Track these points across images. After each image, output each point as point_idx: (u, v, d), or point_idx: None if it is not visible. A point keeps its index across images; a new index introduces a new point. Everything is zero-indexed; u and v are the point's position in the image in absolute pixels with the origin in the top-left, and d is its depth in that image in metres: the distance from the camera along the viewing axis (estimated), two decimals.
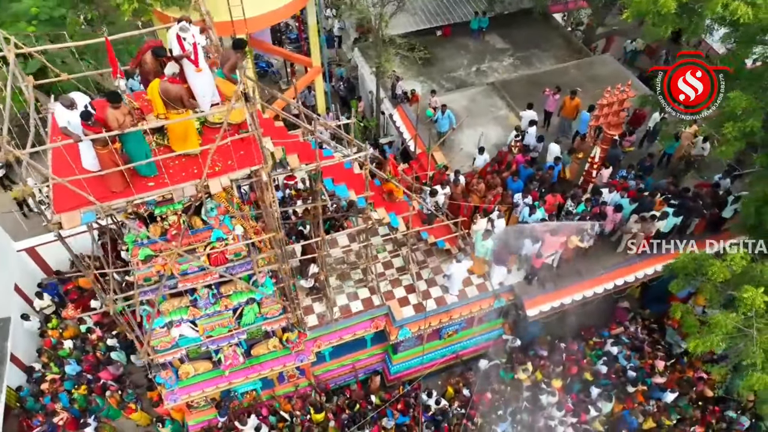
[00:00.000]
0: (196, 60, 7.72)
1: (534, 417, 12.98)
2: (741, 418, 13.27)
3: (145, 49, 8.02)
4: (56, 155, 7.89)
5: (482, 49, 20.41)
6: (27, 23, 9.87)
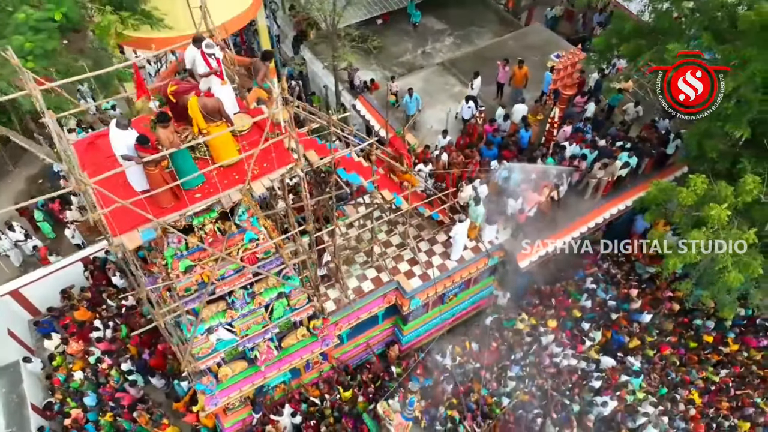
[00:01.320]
0: (221, 74, 8.23)
1: (540, 357, 14.43)
2: (706, 322, 15.37)
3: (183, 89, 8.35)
4: (103, 180, 8.15)
5: (423, 32, 21.55)
6: (23, 60, 9.80)
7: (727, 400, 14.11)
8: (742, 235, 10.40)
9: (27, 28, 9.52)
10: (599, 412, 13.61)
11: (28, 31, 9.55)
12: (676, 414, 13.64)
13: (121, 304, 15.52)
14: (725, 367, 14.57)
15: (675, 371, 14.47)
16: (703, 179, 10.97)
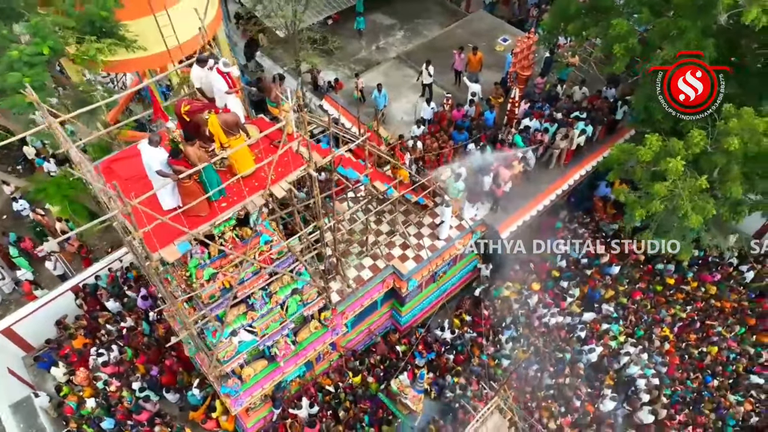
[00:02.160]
0: (237, 90, 8.78)
1: (530, 318, 15.70)
2: (667, 266, 17.09)
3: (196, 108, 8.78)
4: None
5: (373, 29, 22.31)
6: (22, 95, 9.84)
7: (695, 332, 15.84)
8: (696, 182, 11.89)
9: (22, 63, 9.65)
10: (588, 359, 15.03)
11: (24, 67, 9.69)
12: (653, 350, 15.24)
13: (120, 327, 15.62)
14: (689, 304, 16.30)
15: (647, 313, 16.07)
16: (658, 137, 12.40)
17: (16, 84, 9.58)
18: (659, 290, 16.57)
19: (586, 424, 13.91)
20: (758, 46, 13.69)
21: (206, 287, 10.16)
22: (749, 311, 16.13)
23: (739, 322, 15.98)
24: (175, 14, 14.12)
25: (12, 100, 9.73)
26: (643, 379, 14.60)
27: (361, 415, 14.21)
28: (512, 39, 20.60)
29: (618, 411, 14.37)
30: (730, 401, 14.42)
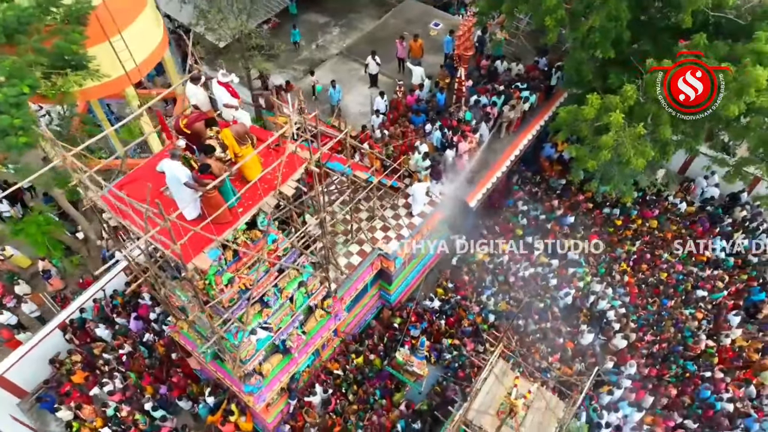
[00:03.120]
0: (240, 99, 9.40)
1: (506, 274, 17.18)
2: (613, 210, 19.09)
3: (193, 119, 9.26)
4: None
5: (310, 29, 22.94)
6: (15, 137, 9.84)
7: (646, 263, 17.89)
8: (635, 130, 13.62)
9: (8, 105, 9.69)
10: (563, 303, 16.71)
11: (11, 109, 9.74)
12: (616, 284, 17.15)
13: (120, 354, 15.69)
14: (637, 239, 18.34)
15: (604, 252, 17.96)
16: (597, 96, 14.04)
17: (7, 127, 9.67)
18: (611, 231, 18.52)
19: (570, 358, 15.57)
20: (662, 5, 15.72)
21: (226, 292, 10.74)
22: (688, 237, 18.39)
23: (681, 248, 18.19)
24: (127, 37, 14.36)
25: (8, 142, 9.79)
26: (612, 311, 16.46)
27: (372, 390, 15.20)
28: (443, 23, 21.96)
29: (595, 342, 16.14)
30: (685, 315, 16.54)
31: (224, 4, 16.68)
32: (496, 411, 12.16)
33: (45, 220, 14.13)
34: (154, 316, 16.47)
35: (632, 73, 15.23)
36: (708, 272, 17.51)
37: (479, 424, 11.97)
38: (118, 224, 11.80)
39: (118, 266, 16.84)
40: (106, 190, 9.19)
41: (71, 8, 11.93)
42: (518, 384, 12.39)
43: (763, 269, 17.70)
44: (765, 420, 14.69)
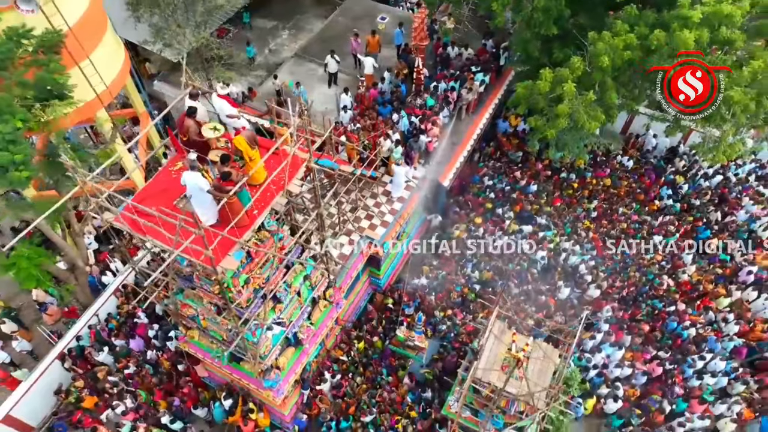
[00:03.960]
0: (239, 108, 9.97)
1: (485, 247, 18.40)
2: (570, 174, 20.68)
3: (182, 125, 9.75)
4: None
5: (260, 35, 23.27)
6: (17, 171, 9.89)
7: (606, 218, 19.56)
8: (587, 97, 15.04)
9: (5, 142, 9.80)
10: (539, 265, 18.11)
11: (8, 145, 9.84)
12: (582, 241, 18.71)
13: (126, 374, 15.85)
14: (595, 198, 20.01)
15: (567, 214, 19.51)
16: (549, 70, 15.37)
17: (7, 163, 9.81)
18: (570, 193, 20.10)
19: (553, 313, 16.99)
20: None
21: (243, 292, 11.32)
22: (638, 190, 20.22)
23: (633, 201, 20.02)
24: (95, 61, 14.50)
25: (10, 178, 9.92)
26: (583, 265, 18.01)
27: (378, 370, 16.10)
28: (389, 17, 22.84)
29: (572, 295, 17.66)
30: (646, 259, 18.33)
31: (182, 19, 16.87)
32: (501, 366, 13.33)
33: (35, 253, 14.10)
34: (153, 333, 16.67)
35: (574, 46, 16.72)
36: (660, 219, 19.36)
37: (487, 380, 13.11)
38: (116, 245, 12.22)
39: (108, 290, 16.94)
40: (121, 208, 9.60)
41: (42, 39, 12.01)
42: (516, 339, 13.64)
43: (705, 210, 19.73)
44: (723, 339, 16.65)
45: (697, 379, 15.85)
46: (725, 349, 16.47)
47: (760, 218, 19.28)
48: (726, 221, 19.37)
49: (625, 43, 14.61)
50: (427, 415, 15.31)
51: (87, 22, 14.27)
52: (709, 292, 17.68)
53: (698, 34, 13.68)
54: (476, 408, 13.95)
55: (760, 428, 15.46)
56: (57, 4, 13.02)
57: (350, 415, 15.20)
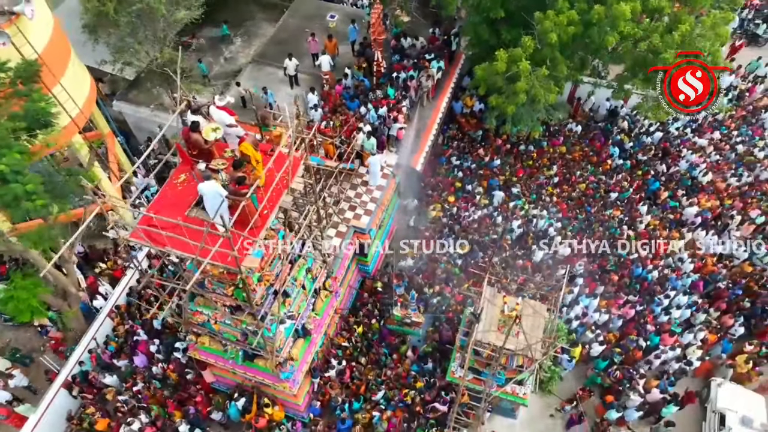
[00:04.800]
0: (237, 117, 10.54)
1: (457, 224, 19.54)
2: (528, 146, 22.13)
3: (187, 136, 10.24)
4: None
5: (212, 45, 23.42)
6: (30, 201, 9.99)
7: (565, 182, 21.12)
8: (541, 72, 16.35)
9: (13, 174, 9.93)
10: (515, 233, 19.44)
11: (16, 176, 9.99)
12: (548, 205, 20.18)
13: (135, 391, 16.06)
14: (554, 164, 21.53)
15: (531, 183, 20.93)
16: (503, 51, 16.56)
17: (21, 194, 10.00)
18: (531, 164, 21.55)
19: (531, 276, 18.35)
20: None
21: (258, 290, 11.93)
22: (590, 154, 21.89)
23: (588, 163, 21.67)
24: (65, 86, 14.59)
25: (25, 208, 10.10)
26: (551, 227, 19.47)
27: (380, 350, 17.01)
28: (339, 14, 23.51)
29: (545, 257, 19.08)
30: (606, 215, 19.99)
31: (142, 36, 16.99)
32: (497, 327, 14.50)
33: (32, 284, 14.12)
34: (155, 348, 16.91)
35: (520, 27, 18.01)
36: (615, 178, 21.09)
37: (487, 341, 14.26)
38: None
39: (102, 313, 17.03)
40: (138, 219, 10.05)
41: (19, 70, 12.08)
42: (507, 301, 14.87)
43: (652, 164, 21.62)
44: (682, 277, 18.50)
45: (665, 315, 17.60)
46: (685, 285, 18.33)
47: (699, 165, 21.32)
48: (671, 172, 21.32)
49: (569, 19, 15.97)
50: (432, 385, 16.35)
51: (53, 49, 14.30)
52: (666, 236, 19.50)
53: (633, 6, 15.23)
54: (478, 369, 15.12)
55: (722, 350, 17.43)
56: (24, 34, 13.06)
57: (361, 396, 16.07)
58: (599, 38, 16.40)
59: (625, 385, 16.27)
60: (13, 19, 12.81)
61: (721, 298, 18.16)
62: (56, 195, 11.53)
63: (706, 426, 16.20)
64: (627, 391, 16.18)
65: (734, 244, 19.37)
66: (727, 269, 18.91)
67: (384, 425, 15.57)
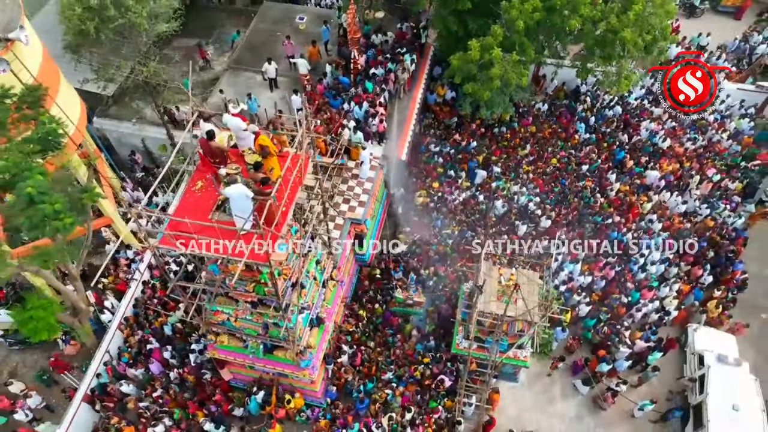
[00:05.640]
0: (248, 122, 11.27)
1: (444, 212, 20.61)
2: (501, 128, 23.35)
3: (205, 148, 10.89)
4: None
5: (185, 54, 23.67)
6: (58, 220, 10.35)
7: (539, 159, 22.46)
8: (512, 57, 17.51)
9: (41, 195, 10.35)
10: (498, 211, 20.66)
11: (43, 197, 10.40)
12: (526, 182, 21.49)
13: (155, 397, 16.56)
14: (527, 143, 22.82)
15: (510, 161, 22.17)
16: (476, 41, 17.64)
17: (51, 213, 10.46)
18: (505, 144, 22.80)
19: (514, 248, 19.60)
20: None
21: (279, 284, 12.68)
22: (559, 130, 23.30)
23: (558, 140, 23.07)
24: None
25: (55, 226, 10.55)
26: (531, 203, 20.78)
27: (386, 332, 18.00)
28: (307, 15, 24.16)
29: (528, 230, 20.38)
30: (579, 186, 21.44)
31: (126, 52, 17.31)
32: (497, 297, 15.68)
33: (47, 302, 14.46)
34: (169, 354, 17.41)
35: (485, 16, 19.15)
36: (583, 151, 22.56)
37: (489, 310, 15.43)
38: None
39: (112, 326, 17.41)
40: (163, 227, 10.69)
41: (23, 95, 12.43)
42: (502, 273, 16.06)
43: (615, 135, 23.18)
44: (654, 236, 20.12)
45: (642, 272, 19.18)
46: (657, 244, 19.94)
47: (658, 132, 23.02)
48: (633, 141, 22.94)
49: (533, 6, 17.16)
50: (438, 359, 17.45)
51: (45, 73, 14.60)
52: (634, 201, 21.09)
53: None
54: (481, 338, 16.29)
55: (695, 298, 19.14)
56: (21, 60, 13.37)
57: (373, 376, 17.05)
58: (562, 22, 17.69)
59: (614, 339, 17.74)
60: (9, 46, 13.09)
61: (689, 251, 19.85)
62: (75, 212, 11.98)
63: (687, 367, 17.85)
64: (616, 344, 17.66)
65: (696, 202, 21.13)
66: (692, 225, 20.63)
67: (398, 400, 16.60)
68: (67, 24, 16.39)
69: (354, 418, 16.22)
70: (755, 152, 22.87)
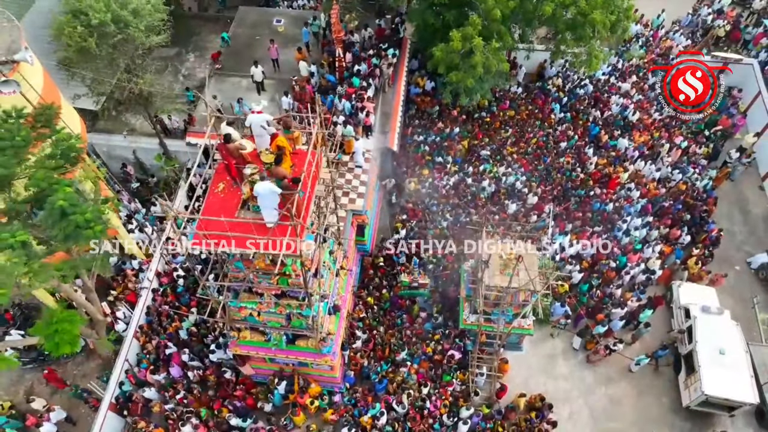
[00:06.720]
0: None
1: (437, 197, 21.54)
2: (481, 113, 24.39)
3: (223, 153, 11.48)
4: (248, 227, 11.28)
5: (167, 64, 23.92)
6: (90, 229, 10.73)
7: (521, 141, 23.60)
8: (491, 45, 18.49)
9: (73, 208, 10.76)
10: (487, 192, 21.70)
11: (75, 209, 10.80)
12: (511, 162, 22.59)
13: (179, 399, 17.02)
14: (507, 125, 23.94)
15: (493, 144, 23.24)
16: (456, 32, 18.56)
17: (83, 223, 10.88)
18: (487, 129, 23.88)
19: (510, 224, 20.72)
20: None
21: (301, 275, 13.38)
22: (536, 111, 24.50)
23: (536, 120, 24.26)
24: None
25: (87, 235, 10.99)
26: (518, 182, 21.91)
27: (395, 315, 18.87)
28: (285, 18, 24.68)
29: (517, 208, 21.50)
30: (560, 162, 22.68)
31: (122, 65, 17.57)
32: (499, 271, 16.69)
33: (69, 315, 14.75)
34: (187, 357, 17.86)
35: (460, 8, 20.10)
36: (560, 129, 23.81)
37: (494, 284, 16.43)
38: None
39: (129, 335, 17.76)
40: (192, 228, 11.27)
41: (38, 115, 12.75)
42: (502, 248, 17.07)
43: (588, 112, 24.51)
44: (633, 203, 21.52)
45: (626, 237, 20.54)
46: (637, 210, 21.33)
47: (627, 107, 24.44)
48: (605, 116, 24.31)
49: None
50: (447, 335, 18.42)
51: (48, 91, 14.87)
52: (612, 173, 22.44)
53: None
54: (486, 311, 17.29)
55: (676, 257, 20.61)
56: (27, 80, 13.65)
57: (387, 358, 17.90)
58: (534, 9, 18.78)
59: (608, 302, 19.03)
60: (16, 67, 13.35)
61: (667, 214, 21.33)
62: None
63: (675, 321, 19.29)
64: (610, 306, 18.94)
65: (668, 169, 22.63)
66: (666, 190, 22.12)
67: (414, 377, 17.50)
68: (67, 40, 16.56)
69: (374, 398, 17.06)
70: (716, 119, 24.54)
